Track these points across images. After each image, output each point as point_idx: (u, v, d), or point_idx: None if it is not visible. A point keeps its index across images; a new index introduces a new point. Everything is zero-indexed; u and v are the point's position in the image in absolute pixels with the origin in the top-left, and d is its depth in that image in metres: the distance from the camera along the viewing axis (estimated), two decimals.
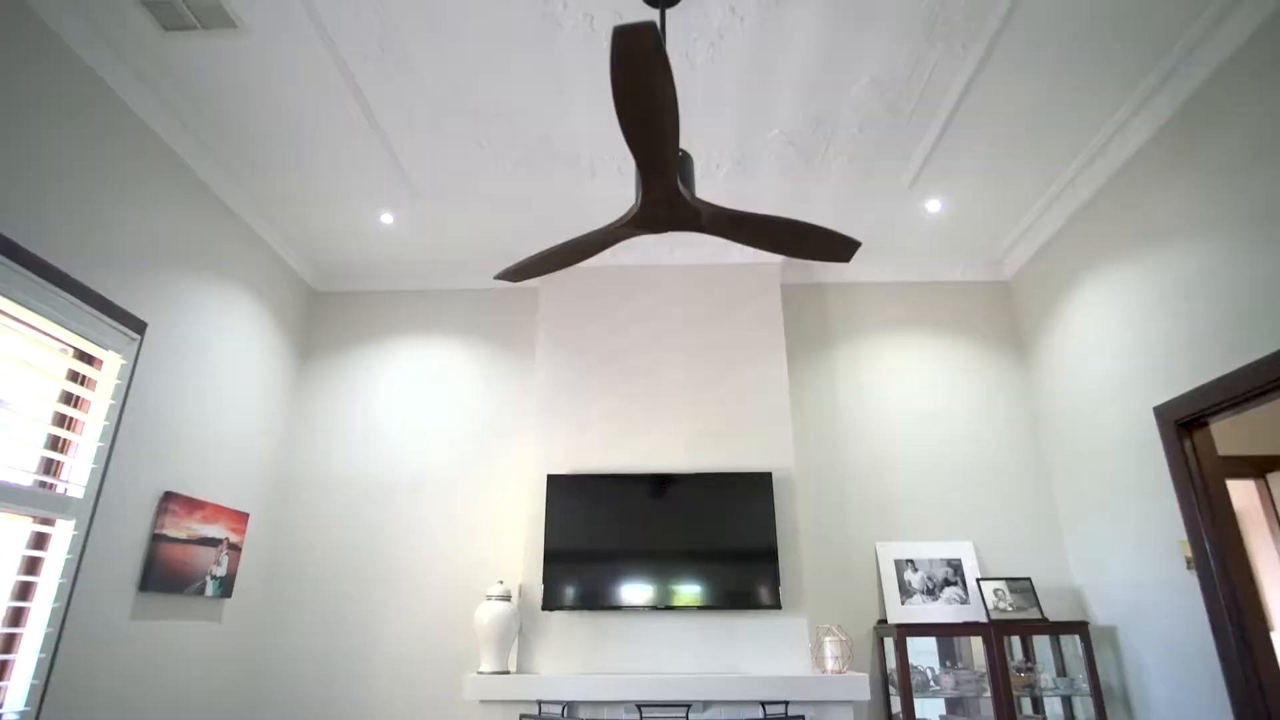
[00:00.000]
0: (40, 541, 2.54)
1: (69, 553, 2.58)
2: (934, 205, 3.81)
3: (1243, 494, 4.26)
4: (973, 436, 4.11)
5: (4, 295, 2.34)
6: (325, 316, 4.50)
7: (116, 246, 2.85)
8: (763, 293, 4.11)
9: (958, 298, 4.41)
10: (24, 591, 2.48)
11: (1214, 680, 2.84)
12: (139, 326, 2.96)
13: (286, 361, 4.20)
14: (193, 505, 3.29)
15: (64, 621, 2.56)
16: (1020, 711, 3.60)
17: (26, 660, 2.43)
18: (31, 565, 2.52)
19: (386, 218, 3.90)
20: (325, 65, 2.85)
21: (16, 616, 2.46)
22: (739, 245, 3.95)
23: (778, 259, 4.17)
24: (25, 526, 2.49)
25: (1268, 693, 2.65)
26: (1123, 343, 3.40)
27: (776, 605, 3.46)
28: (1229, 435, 4.05)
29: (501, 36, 2.74)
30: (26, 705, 2.40)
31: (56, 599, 2.51)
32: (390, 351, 4.41)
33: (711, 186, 3.63)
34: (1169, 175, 3.06)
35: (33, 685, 2.42)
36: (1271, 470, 3.98)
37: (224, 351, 3.59)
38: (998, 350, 4.29)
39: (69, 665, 2.60)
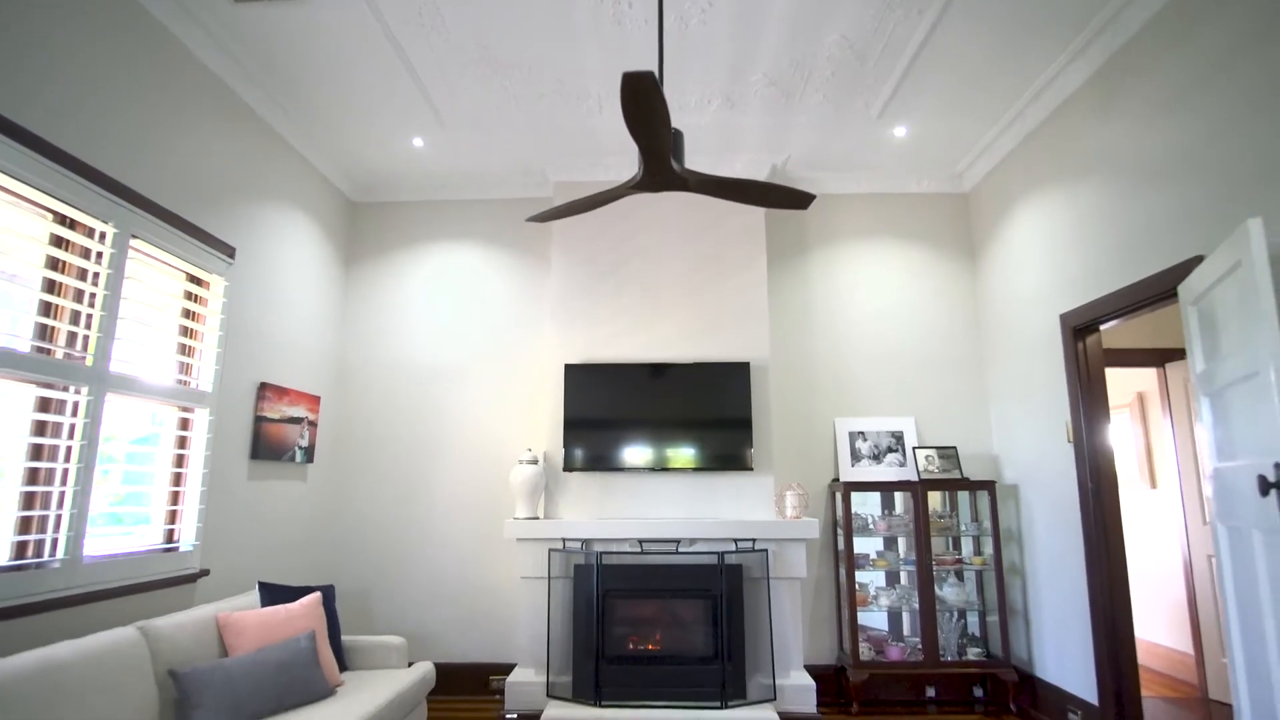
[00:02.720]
0: (185, 425, 3.34)
1: (208, 432, 3.39)
2: (900, 131, 4.32)
3: (1146, 379, 5.05)
4: (923, 330, 4.85)
5: (140, 237, 2.98)
6: (363, 226, 5.11)
7: (207, 185, 3.45)
8: (748, 208, 4.69)
9: (921, 209, 4.99)
10: (179, 461, 3.31)
11: (1075, 521, 3.75)
12: (230, 252, 3.61)
13: (335, 268, 4.87)
14: (280, 392, 4.08)
15: (209, 482, 3.42)
16: (949, 549, 4.60)
17: (191, 510, 3.31)
18: (182, 442, 3.33)
19: (418, 141, 4.42)
20: (370, 26, 3.32)
21: (177, 479, 3.30)
22: (729, 165, 4.54)
23: (763, 175, 4.71)
24: (174, 414, 3.28)
25: (1108, 530, 3.57)
26: (1043, 259, 4.06)
27: (749, 467, 4.34)
28: (1139, 330, 4.76)
29: (523, 2, 3.19)
30: (196, 540, 3.30)
31: (205, 466, 3.36)
32: (423, 256, 5.05)
33: (702, 118, 4.13)
34: (1094, 118, 3.60)
35: (198, 527, 3.31)
36: (1170, 360, 4.73)
37: (289, 264, 4.25)
38: (952, 256, 4.93)
39: (213, 513, 3.49)
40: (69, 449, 2.63)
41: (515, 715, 4.02)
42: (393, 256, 5.07)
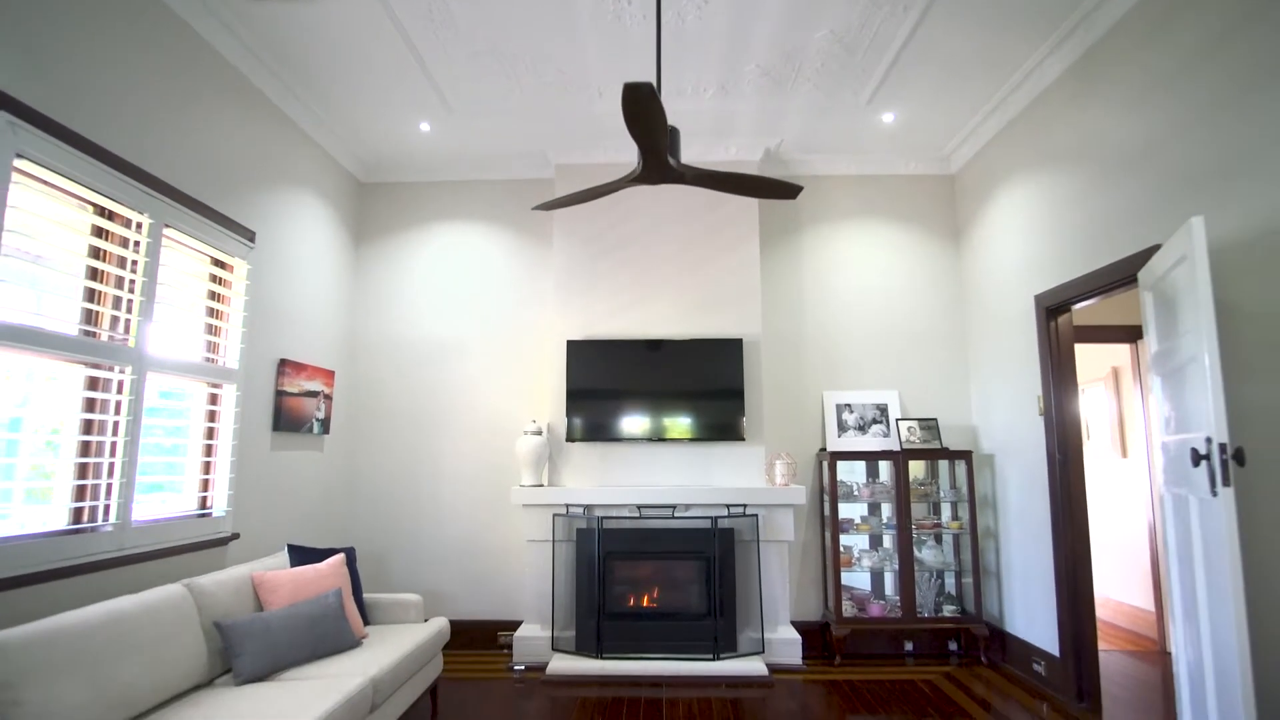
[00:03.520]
0: (214, 399, 3.58)
1: (236, 406, 3.63)
2: (888, 117, 4.50)
3: (1120, 354, 5.30)
4: (909, 307, 5.09)
5: (172, 226, 3.18)
6: (372, 206, 5.29)
7: (228, 172, 3.64)
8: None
9: (909, 190, 5.19)
10: (210, 433, 3.56)
11: (1044, 488, 4.03)
12: (251, 236, 3.81)
13: (346, 247, 5.07)
14: (299, 368, 4.31)
15: (237, 453, 3.67)
16: (928, 514, 4.88)
17: (223, 477, 3.56)
18: (211, 416, 3.57)
19: (425, 126, 4.59)
20: (382, 23, 3.49)
21: (208, 450, 3.55)
22: (724, 147, 4.73)
23: (757, 158, 4.90)
24: (203, 390, 3.52)
25: (1072, 497, 3.85)
26: (1020, 241, 4.28)
27: (741, 437, 4.61)
28: (1114, 307, 4.99)
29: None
30: (229, 506, 3.56)
31: (234, 438, 3.61)
32: (429, 235, 5.25)
33: (699, 105, 4.31)
34: (1069, 109, 3.79)
35: (229, 494, 3.57)
36: (1141, 337, 4.97)
37: (303, 245, 4.45)
38: (938, 236, 5.14)
39: (241, 481, 3.74)
40: (116, 424, 2.87)
41: (523, 667, 4.34)
42: (400, 235, 5.26)
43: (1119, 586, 5.36)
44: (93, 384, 2.81)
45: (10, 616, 2.34)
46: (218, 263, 3.62)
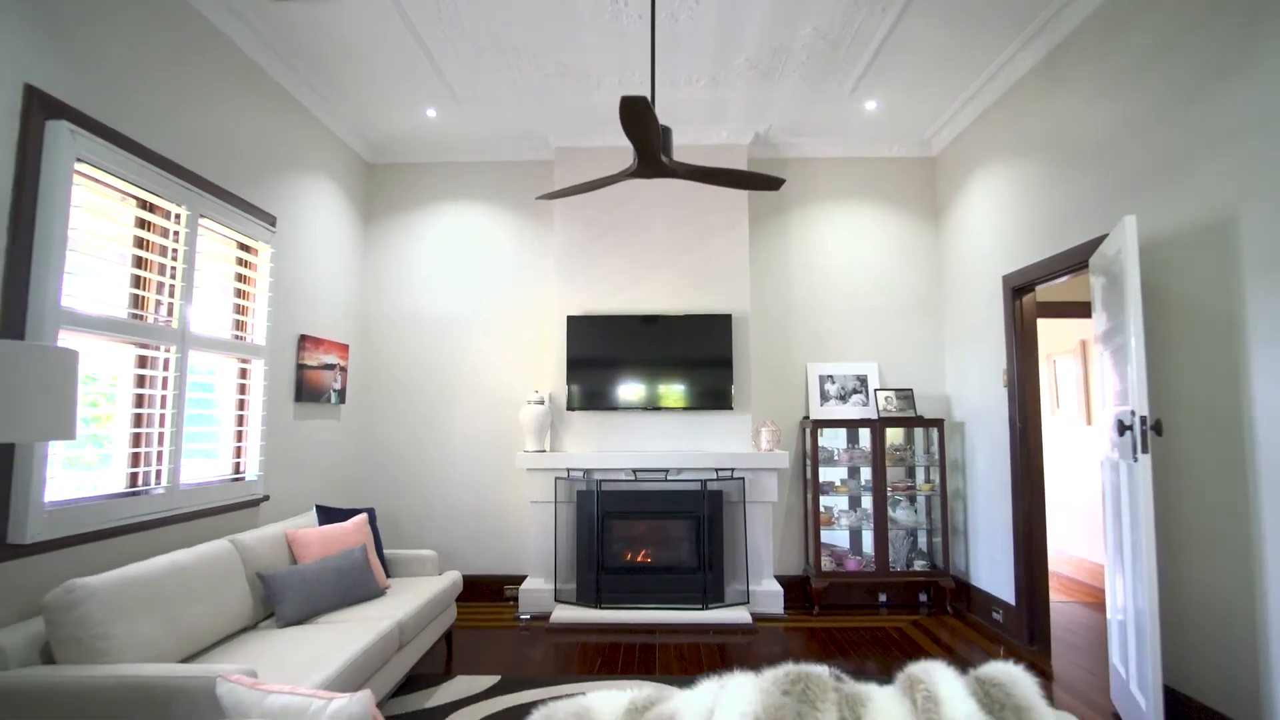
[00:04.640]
0: (244, 374, 3.90)
1: (264, 380, 3.95)
2: (871, 105, 4.75)
3: (1087, 328, 5.63)
4: (889, 284, 5.39)
5: (203, 215, 3.45)
6: (380, 186, 5.54)
7: (250, 162, 3.90)
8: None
9: (892, 172, 5.45)
10: (241, 404, 3.88)
11: (1005, 452, 4.39)
12: (272, 221, 4.08)
13: (356, 226, 5.33)
14: (316, 342, 4.62)
15: (266, 421, 4.00)
16: (904, 478, 5.25)
17: (254, 445, 3.89)
18: (242, 389, 3.89)
19: (431, 112, 4.82)
20: (393, 22, 3.71)
21: (240, 419, 3.88)
22: (716, 132, 4.99)
23: (746, 141, 5.16)
24: (234, 365, 3.83)
25: (1030, 459, 4.21)
26: (992, 223, 4.57)
27: (730, 406, 4.95)
28: (1082, 285, 5.29)
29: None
30: (261, 470, 3.90)
31: (263, 409, 3.93)
32: (434, 214, 5.51)
33: (691, 94, 4.55)
34: (1040, 100, 4.05)
35: (260, 460, 3.91)
36: None
37: (318, 226, 4.72)
38: (919, 216, 5.42)
39: (269, 448, 4.07)
40: (164, 397, 3.19)
41: (528, 616, 4.74)
42: (407, 215, 5.52)
43: (1081, 544, 5.77)
44: (142, 362, 3.12)
45: (87, 567, 2.69)
46: (243, 246, 3.90)
